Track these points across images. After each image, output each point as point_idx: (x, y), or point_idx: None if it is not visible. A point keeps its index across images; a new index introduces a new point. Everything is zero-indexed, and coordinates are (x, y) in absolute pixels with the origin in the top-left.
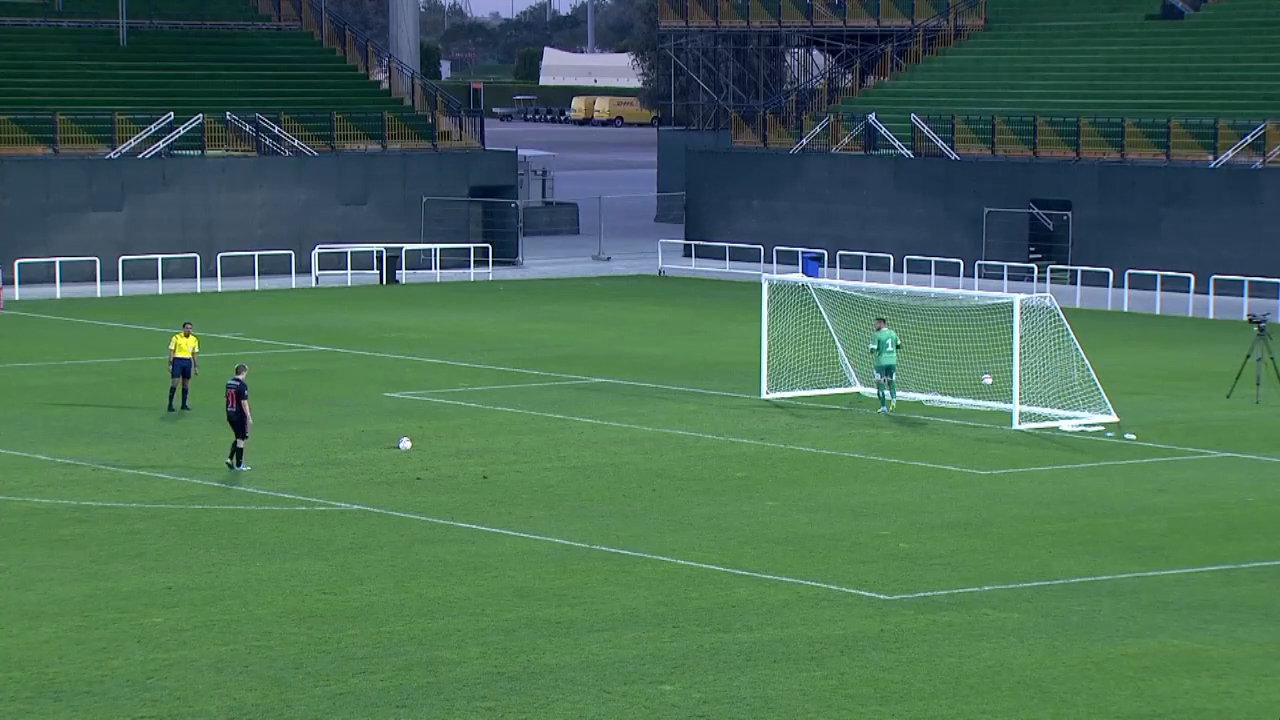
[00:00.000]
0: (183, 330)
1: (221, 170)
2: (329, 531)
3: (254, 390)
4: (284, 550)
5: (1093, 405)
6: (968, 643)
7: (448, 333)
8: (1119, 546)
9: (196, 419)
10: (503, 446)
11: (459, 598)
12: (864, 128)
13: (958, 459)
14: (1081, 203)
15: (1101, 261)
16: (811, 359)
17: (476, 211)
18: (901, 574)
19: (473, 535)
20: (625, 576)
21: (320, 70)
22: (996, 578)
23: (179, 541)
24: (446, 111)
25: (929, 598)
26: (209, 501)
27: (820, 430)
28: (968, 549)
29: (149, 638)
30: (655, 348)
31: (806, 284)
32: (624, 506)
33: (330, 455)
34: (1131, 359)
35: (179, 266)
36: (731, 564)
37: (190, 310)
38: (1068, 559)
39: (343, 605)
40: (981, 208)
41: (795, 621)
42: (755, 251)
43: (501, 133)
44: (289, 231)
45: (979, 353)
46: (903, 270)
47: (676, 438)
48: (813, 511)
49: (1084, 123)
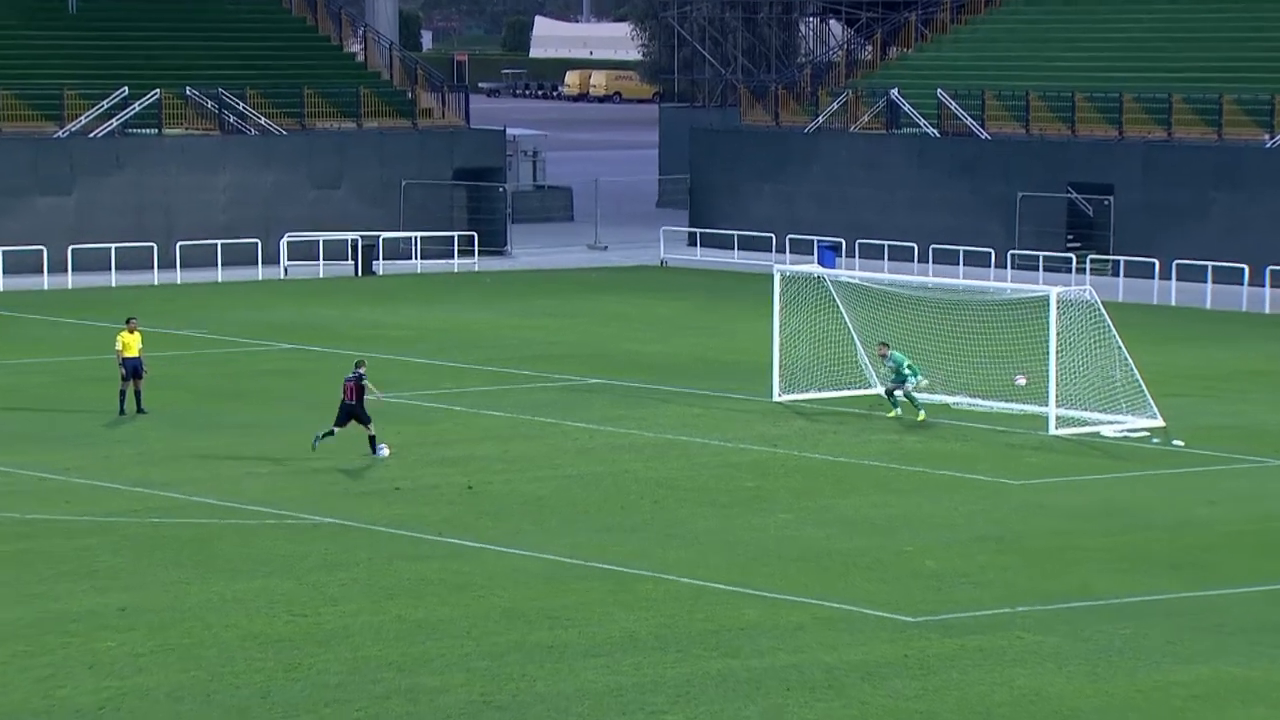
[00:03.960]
0: (127, 327)
1: (181, 151)
2: (299, 547)
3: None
4: (250, 568)
5: (1137, 408)
6: (999, 669)
7: (429, 329)
8: (1166, 563)
9: (152, 423)
10: (490, 454)
11: (442, 619)
12: (885, 104)
13: (989, 467)
14: (1124, 186)
15: (1146, 251)
16: (828, 358)
17: (461, 196)
18: (927, 594)
19: (457, 551)
20: (624, 596)
21: (289, 41)
22: (1031, 598)
23: (134, 558)
24: (428, 86)
25: (957, 620)
26: (167, 514)
27: (838, 436)
28: (1000, 566)
29: (101, 664)
30: (657, 345)
31: (822, 275)
32: (622, 519)
33: (301, 464)
34: (1179, 357)
35: (134, 256)
36: (740, 583)
37: (147, 304)
38: (1110, 577)
39: (314, 628)
40: (1014, 192)
41: (810, 646)
42: (766, 240)
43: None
44: (255, 218)
45: (1012, 351)
46: (928, 260)
47: (680, 444)
48: (829, 525)
49: (1127, 98)
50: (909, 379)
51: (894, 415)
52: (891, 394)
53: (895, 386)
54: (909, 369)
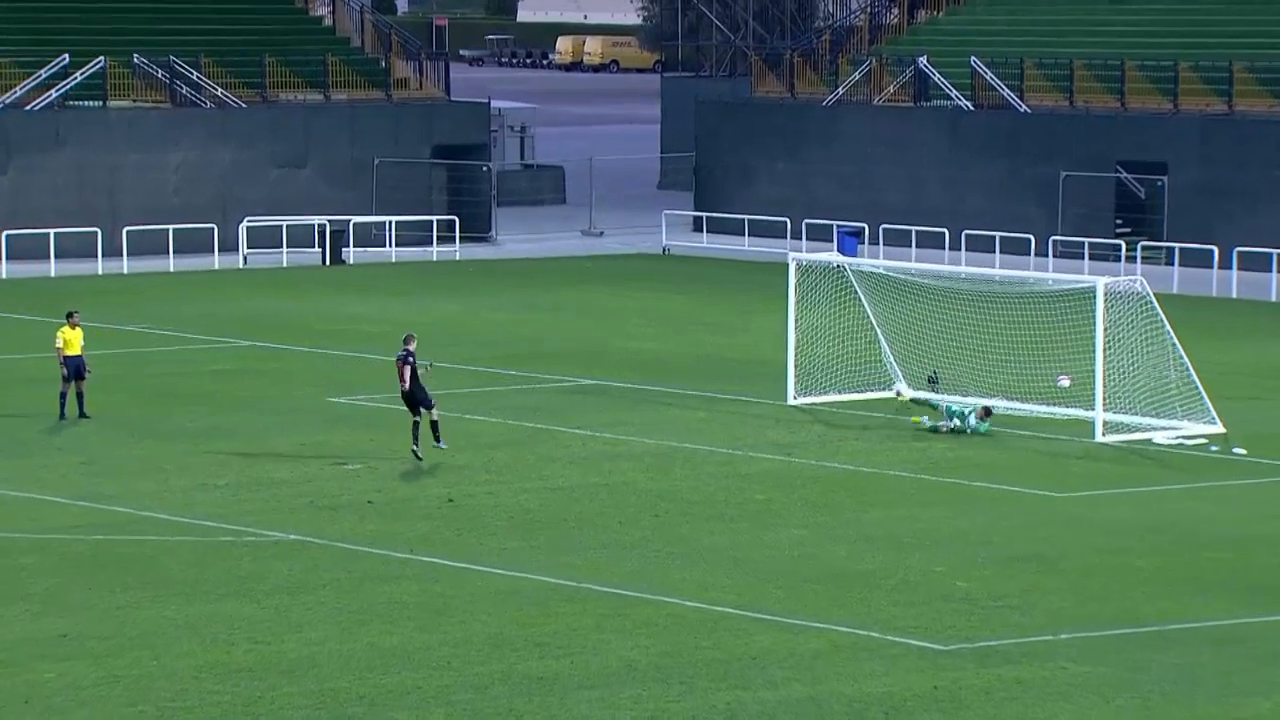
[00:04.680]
0: (69, 322)
1: (128, 125)
2: (260, 566)
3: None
4: (205, 590)
5: (1193, 412)
6: (1041, 703)
7: (405, 324)
8: (1225, 585)
9: (96, 429)
10: (472, 463)
11: (419, 648)
12: (913, 74)
13: (1028, 478)
14: (1180, 165)
15: (1204, 237)
16: (849, 356)
17: (440, 176)
18: (959, 619)
19: (435, 572)
20: (621, 621)
21: (249, 3)
22: (1076, 623)
23: (75, 579)
24: (404, 54)
25: (993, 648)
26: (112, 530)
27: (859, 443)
28: (1040, 588)
29: (39, 697)
30: (658, 342)
31: (843, 265)
32: (620, 536)
33: (262, 474)
34: (1241, 355)
35: (75, 243)
36: (751, 606)
37: (91, 297)
38: (1163, 600)
39: (277, 657)
40: (1057, 172)
41: (829, 676)
42: (780, 225)
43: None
44: (211, 200)
45: (1054, 349)
46: (960, 248)
47: (684, 452)
48: (850, 542)
49: (1183, 67)
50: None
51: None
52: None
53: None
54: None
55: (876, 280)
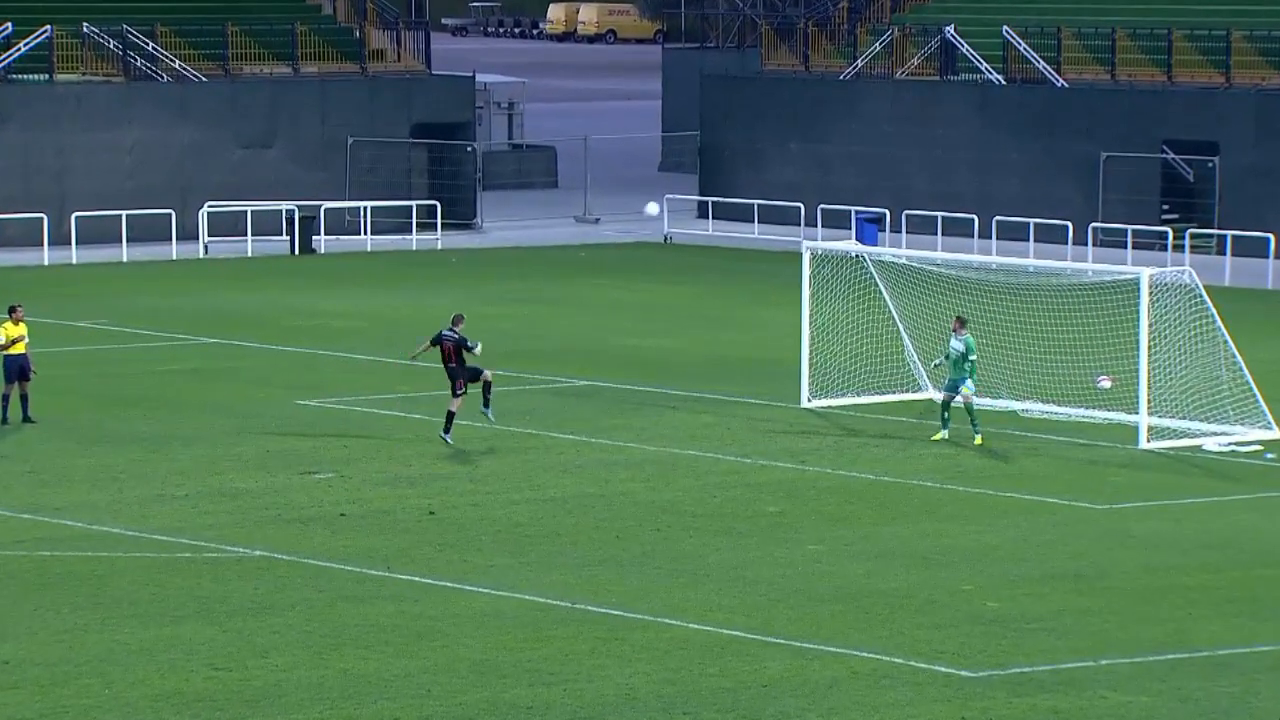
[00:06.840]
0: (11, 317)
1: (77, 101)
2: (222, 586)
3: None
4: (161, 611)
5: (1247, 416)
6: None
7: (381, 319)
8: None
9: (42, 434)
10: (455, 472)
11: (397, 674)
12: (939, 45)
13: (1065, 489)
14: (1232, 145)
15: (1258, 224)
16: (868, 355)
17: (420, 158)
18: (989, 643)
19: (415, 591)
20: (619, 646)
21: None
22: (1117, 648)
23: (19, 599)
24: (380, 23)
25: (1027, 675)
26: (60, 546)
27: (880, 451)
28: (1078, 609)
29: None
30: (659, 340)
31: (862, 254)
32: (618, 552)
33: (224, 483)
34: None
35: (19, 230)
36: (762, 629)
37: (36, 289)
38: (1213, 623)
39: (240, 685)
40: (1097, 152)
41: (847, 705)
42: (793, 211)
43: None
44: (168, 184)
45: (1093, 347)
46: (990, 236)
47: (688, 460)
48: (870, 559)
49: (1236, 36)
50: (966, 379)
51: (940, 438)
52: (948, 404)
53: (951, 394)
54: (970, 365)
55: (899, 271)
